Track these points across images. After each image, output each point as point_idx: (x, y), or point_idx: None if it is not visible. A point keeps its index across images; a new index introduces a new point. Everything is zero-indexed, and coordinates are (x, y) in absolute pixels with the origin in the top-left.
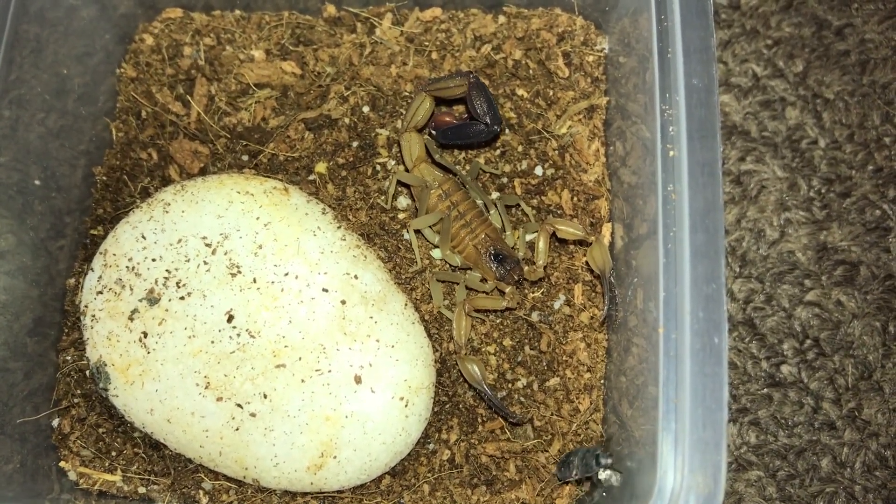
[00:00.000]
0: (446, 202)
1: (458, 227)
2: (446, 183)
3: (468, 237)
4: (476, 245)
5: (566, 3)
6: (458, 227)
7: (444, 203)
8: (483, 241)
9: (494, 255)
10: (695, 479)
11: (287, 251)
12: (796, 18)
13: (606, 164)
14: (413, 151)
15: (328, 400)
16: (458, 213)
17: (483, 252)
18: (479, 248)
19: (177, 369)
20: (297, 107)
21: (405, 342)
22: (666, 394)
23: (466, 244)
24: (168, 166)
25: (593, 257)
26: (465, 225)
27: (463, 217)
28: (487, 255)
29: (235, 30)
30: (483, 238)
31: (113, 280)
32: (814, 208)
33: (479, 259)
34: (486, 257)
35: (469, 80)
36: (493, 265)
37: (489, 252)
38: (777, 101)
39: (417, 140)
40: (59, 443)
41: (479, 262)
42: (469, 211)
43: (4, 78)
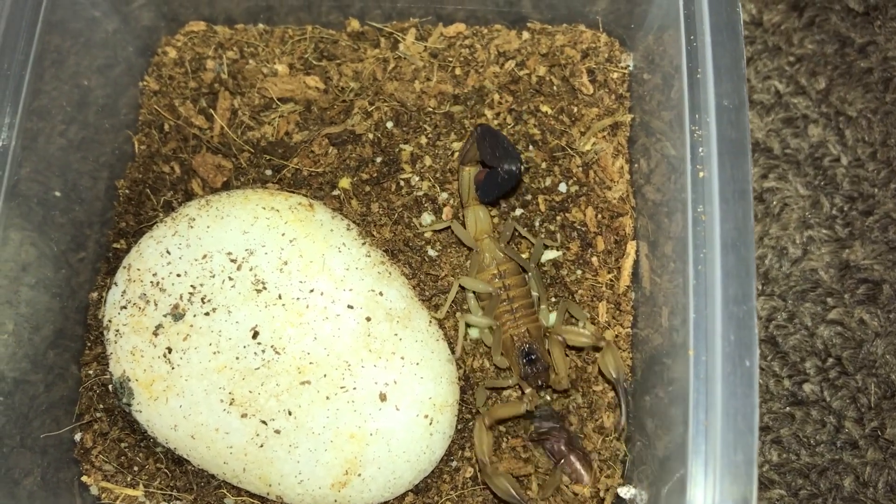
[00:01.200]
0: (499, 283)
1: (503, 310)
2: (505, 264)
3: (509, 325)
4: (514, 336)
5: (590, 19)
6: (503, 311)
7: (496, 283)
8: (522, 335)
9: (527, 353)
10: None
11: (312, 267)
12: (819, 36)
13: (631, 181)
14: (479, 224)
15: (353, 417)
16: (506, 298)
17: (518, 345)
18: (514, 340)
19: (201, 385)
20: (321, 122)
21: (430, 360)
22: (696, 416)
23: (505, 330)
24: (191, 180)
25: (605, 364)
26: (510, 311)
27: (511, 303)
28: (521, 350)
29: (259, 43)
30: (523, 332)
31: (137, 295)
32: (836, 226)
33: (512, 350)
34: (519, 352)
35: (473, 135)
36: (523, 362)
37: (524, 348)
38: (799, 118)
39: (484, 213)
40: (82, 457)
41: (511, 353)
42: (519, 299)
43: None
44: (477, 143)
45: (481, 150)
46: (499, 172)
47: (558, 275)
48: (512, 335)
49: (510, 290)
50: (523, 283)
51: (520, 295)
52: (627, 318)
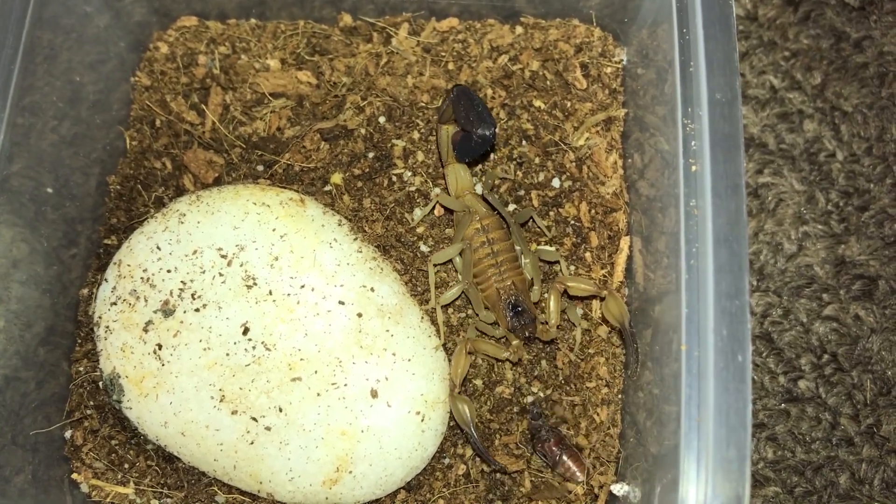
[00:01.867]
0: (483, 237)
1: (488, 265)
2: (487, 218)
3: (494, 278)
4: (500, 289)
5: (584, 14)
6: (487, 266)
7: (480, 237)
8: (507, 288)
9: (513, 305)
10: (718, 498)
11: (303, 263)
12: (814, 30)
13: (624, 176)
14: (459, 181)
15: (344, 414)
16: (491, 252)
17: (504, 298)
18: (501, 293)
19: (191, 382)
20: (313, 117)
21: (421, 356)
22: (689, 412)
23: (491, 284)
24: (182, 176)
25: (610, 311)
26: (495, 265)
27: (496, 256)
28: (507, 302)
29: (251, 38)
30: (509, 285)
31: (127, 291)
32: (832, 222)
33: (498, 303)
34: (505, 304)
35: (451, 94)
36: (510, 314)
37: (510, 300)
38: (795, 113)
39: (463, 170)
40: (72, 455)
41: (497, 306)
42: (503, 253)
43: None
44: (452, 105)
45: (456, 112)
46: (472, 136)
47: (551, 270)
48: (498, 288)
49: (494, 244)
50: (507, 238)
51: (504, 248)
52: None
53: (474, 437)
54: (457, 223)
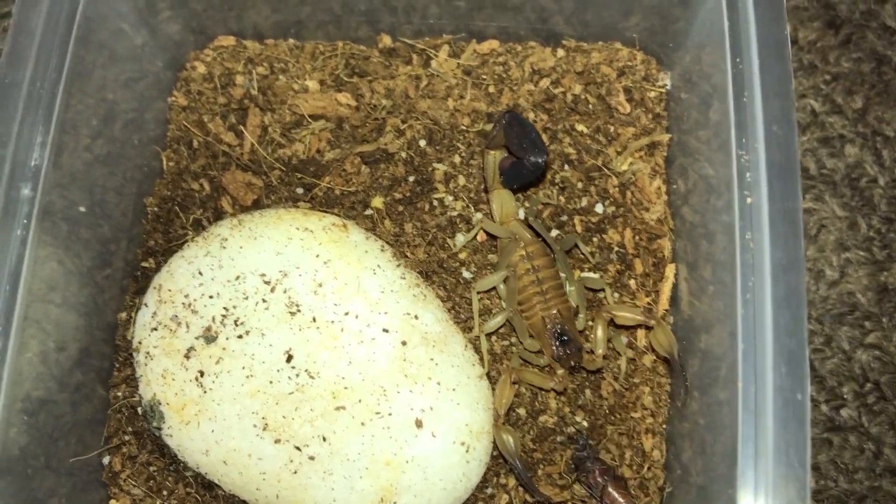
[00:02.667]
0: (528, 264)
1: (533, 293)
2: (531, 245)
3: (539, 306)
4: (545, 317)
5: (626, 37)
6: (532, 293)
7: (525, 264)
8: (553, 316)
9: (559, 334)
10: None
11: (347, 290)
12: (855, 54)
13: (668, 202)
14: (504, 207)
15: (388, 444)
16: (536, 279)
17: (549, 326)
18: (546, 321)
19: (234, 409)
20: (353, 139)
21: (466, 385)
22: (745, 449)
23: (536, 312)
24: (220, 198)
25: (658, 340)
26: (540, 293)
27: (540, 284)
28: (553, 331)
29: (289, 59)
30: (554, 313)
31: (168, 317)
32: (874, 248)
33: (543, 332)
34: (551, 333)
35: (501, 121)
36: (555, 343)
37: (555, 329)
38: (836, 137)
39: (508, 196)
40: (110, 481)
41: (542, 334)
42: (548, 280)
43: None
44: (504, 130)
45: (508, 138)
46: (524, 163)
47: (595, 297)
48: (543, 316)
49: (539, 271)
50: (551, 265)
51: (548, 276)
52: None
53: (519, 468)
54: (501, 250)
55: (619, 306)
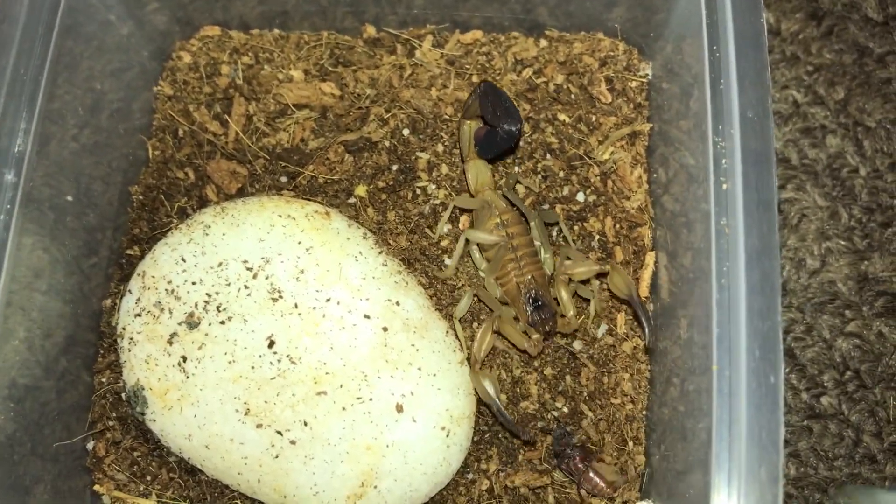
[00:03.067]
0: (503, 232)
1: (508, 260)
2: (507, 213)
3: (514, 273)
4: (520, 283)
5: (608, 28)
6: (507, 261)
7: (499, 232)
8: (527, 283)
9: (533, 300)
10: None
11: (329, 276)
12: (837, 45)
13: (649, 191)
14: (479, 177)
15: (369, 428)
16: (511, 247)
17: (524, 292)
18: (521, 287)
19: (216, 395)
20: (337, 128)
21: (447, 370)
22: (720, 432)
23: (511, 279)
24: (205, 186)
25: (615, 284)
26: (514, 260)
27: (515, 251)
28: (528, 296)
29: (274, 49)
30: (529, 279)
31: (151, 303)
32: (855, 238)
33: (518, 298)
34: (526, 299)
35: (476, 91)
36: (529, 309)
37: (530, 294)
38: (818, 128)
39: (483, 166)
40: (94, 466)
41: (517, 301)
42: (523, 248)
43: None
44: (479, 99)
45: (483, 107)
46: (498, 132)
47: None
48: (518, 283)
49: (514, 238)
50: (526, 233)
51: (523, 243)
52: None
53: (500, 410)
54: (475, 219)
55: (572, 264)
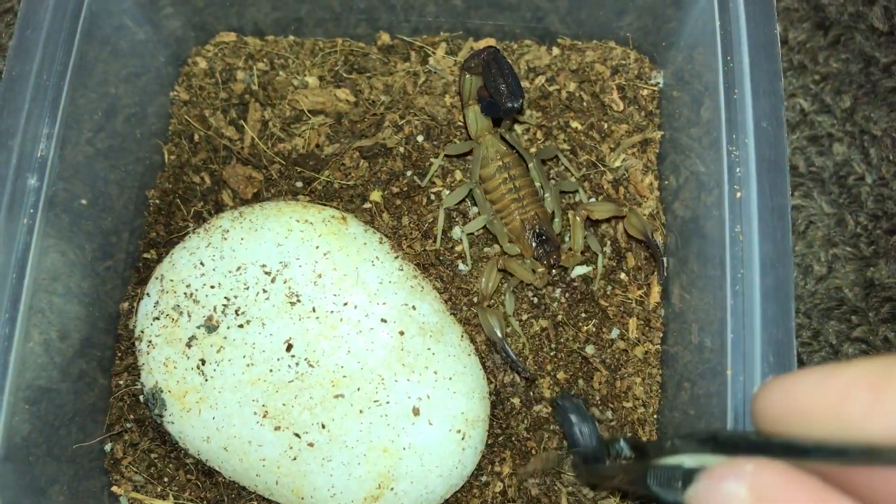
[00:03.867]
0: (504, 173)
1: (510, 199)
2: (508, 156)
3: (517, 211)
4: (523, 220)
5: (620, 36)
6: (510, 200)
7: (501, 174)
8: (531, 219)
9: (537, 234)
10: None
11: (346, 281)
12: (844, 55)
13: (660, 197)
14: (479, 122)
15: (386, 431)
16: (513, 187)
17: (528, 228)
18: (524, 224)
19: (234, 397)
20: (352, 134)
21: (462, 374)
22: None
23: (514, 217)
24: (221, 191)
25: (632, 225)
26: (517, 199)
27: (518, 191)
28: (532, 232)
29: (289, 55)
30: (532, 216)
31: (170, 306)
32: (861, 244)
33: (522, 234)
34: (529, 234)
35: (482, 58)
36: (534, 243)
37: (533, 230)
38: (825, 136)
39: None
40: (111, 467)
41: (522, 237)
42: (525, 187)
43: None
44: (483, 70)
45: (486, 79)
46: (499, 106)
47: (588, 290)
48: (522, 220)
49: (515, 179)
50: (526, 173)
51: (524, 183)
52: (657, 335)
53: (504, 347)
54: (473, 161)
55: (593, 203)
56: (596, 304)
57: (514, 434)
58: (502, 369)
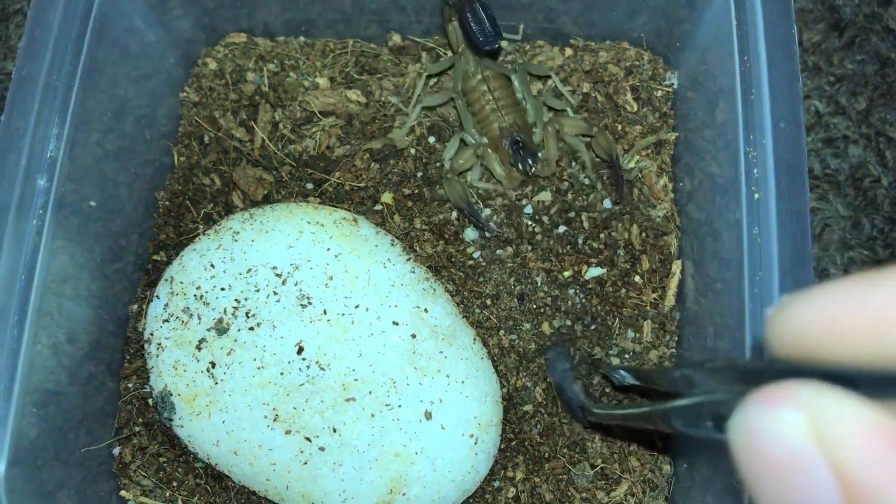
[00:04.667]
0: (483, 85)
1: (490, 110)
2: (488, 69)
3: (496, 120)
4: (501, 128)
5: (634, 37)
6: (490, 111)
7: (481, 86)
8: (509, 127)
9: (514, 142)
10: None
11: (357, 283)
12: (859, 56)
13: (675, 199)
14: (459, 37)
15: (398, 435)
16: (491, 98)
17: (505, 135)
18: (503, 132)
19: (245, 400)
20: (363, 136)
21: (475, 378)
22: None
23: (493, 126)
24: (231, 192)
25: (599, 144)
26: (495, 109)
27: (497, 101)
28: (510, 139)
29: (299, 56)
30: (510, 124)
31: (180, 308)
32: (877, 248)
33: (500, 143)
34: (507, 141)
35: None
36: (511, 150)
37: (511, 136)
38: (840, 138)
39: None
40: (120, 472)
41: (500, 145)
42: (504, 98)
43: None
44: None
45: (462, 20)
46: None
47: (602, 291)
48: (500, 127)
49: (495, 90)
50: (508, 85)
51: (504, 94)
52: (672, 339)
53: (471, 208)
54: (455, 74)
55: (564, 118)
56: (610, 306)
57: (528, 439)
58: (514, 372)
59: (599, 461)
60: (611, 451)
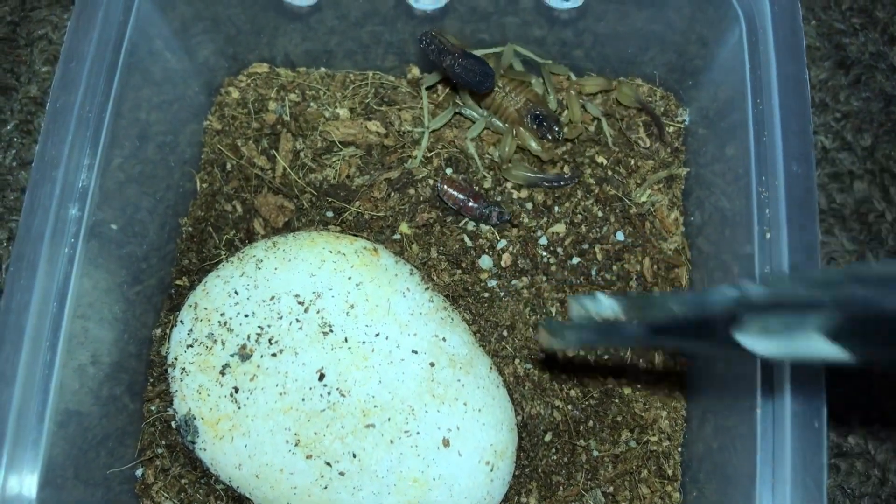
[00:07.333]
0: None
1: (500, 99)
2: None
3: (511, 105)
4: (518, 109)
5: (647, 74)
6: (501, 100)
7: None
8: (524, 106)
9: (535, 116)
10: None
11: (378, 312)
12: (865, 93)
13: (686, 233)
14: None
15: (416, 462)
16: (498, 87)
17: (525, 114)
18: (520, 112)
19: (267, 425)
20: (382, 166)
21: (491, 406)
22: (763, 474)
23: (510, 112)
24: (253, 219)
25: (625, 94)
26: (504, 96)
27: (503, 89)
28: (530, 116)
29: (320, 87)
30: (524, 102)
31: (204, 334)
32: None
33: (522, 122)
34: (528, 118)
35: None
36: (534, 124)
37: (530, 113)
38: (845, 173)
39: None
40: (142, 492)
41: (523, 124)
42: (509, 84)
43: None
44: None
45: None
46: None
47: None
48: (516, 109)
49: (497, 80)
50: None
51: (507, 80)
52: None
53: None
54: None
55: (583, 78)
56: None
57: (541, 465)
58: (529, 400)
59: (611, 488)
60: (622, 479)
